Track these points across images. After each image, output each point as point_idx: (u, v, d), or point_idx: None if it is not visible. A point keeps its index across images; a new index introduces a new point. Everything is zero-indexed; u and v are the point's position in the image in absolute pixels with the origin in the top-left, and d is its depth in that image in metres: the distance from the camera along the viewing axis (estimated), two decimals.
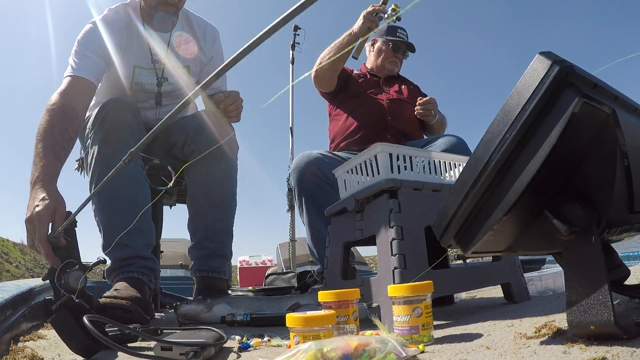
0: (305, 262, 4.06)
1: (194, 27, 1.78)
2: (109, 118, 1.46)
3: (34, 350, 0.92)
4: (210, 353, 0.86)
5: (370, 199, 1.21)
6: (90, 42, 1.58)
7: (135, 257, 1.45)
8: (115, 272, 1.44)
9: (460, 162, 1.31)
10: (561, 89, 0.61)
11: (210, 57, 1.83)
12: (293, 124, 3.93)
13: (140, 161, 1.53)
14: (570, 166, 0.65)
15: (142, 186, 1.50)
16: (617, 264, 0.74)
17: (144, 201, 1.46)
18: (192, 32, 1.78)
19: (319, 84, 2.19)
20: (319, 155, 1.89)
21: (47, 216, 1.12)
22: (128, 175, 1.45)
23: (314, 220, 1.88)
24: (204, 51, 1.80)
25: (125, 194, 1.45)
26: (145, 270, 1.46)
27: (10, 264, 11.91)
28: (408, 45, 2.29)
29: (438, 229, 0.76)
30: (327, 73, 2.11)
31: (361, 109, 2.13)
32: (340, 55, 2.01)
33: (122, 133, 1.47)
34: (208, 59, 1.83)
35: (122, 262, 1.44)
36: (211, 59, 1.83)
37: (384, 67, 2.27)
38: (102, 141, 1.46)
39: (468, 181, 0.69)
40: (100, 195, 1.45)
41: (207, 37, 1.81)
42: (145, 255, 1.48)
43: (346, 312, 0.92)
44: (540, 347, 0.67)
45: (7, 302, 1.10)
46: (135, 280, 1.41)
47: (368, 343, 0.66)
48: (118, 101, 1.52)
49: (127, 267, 1.44)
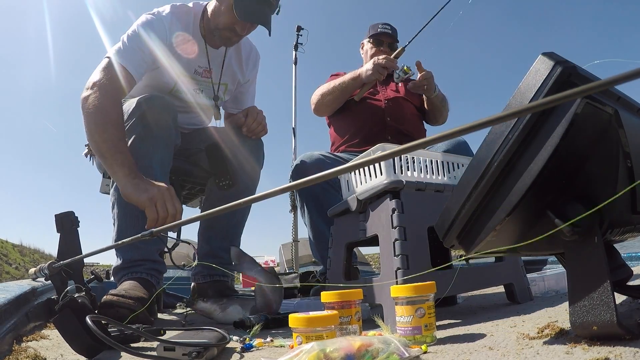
0: (308, 263, 4.06)
1: (241, 46, 1.79)
2: (151, 114, 1.46)
3: (36, 351, 0.92)
4: (212, 353, 0.86)
5: (373, 200, 1.21)
6: (149, 36, 1.53)
7: (145, 259, 1.46)
8: (123, 272, 1.44)
9: (462, 162, 1.30)
10: (564, 89, 0.61)
11: (247, 80, 1.87)
12: (296, 125, 3.94)
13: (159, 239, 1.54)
14: (573, 167, 0.65)
15: (166, 182, 1.52)
16: (620, 265, 0.74)
17: None
18: (237, 53, 1.80)
19: (320, 113, 2.25)
20: (320, 156, 1.89)
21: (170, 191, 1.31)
22: (156, 170, 1.46)
23: (316, 220, 1.88)
24: (243, 73, 1.84)
25: None
26: (153, 272, 1.47)
27: (10, 265, 11.93)
28: (389, 35, 2.26)
29: (441, 229, 0.76)
30: (327, 108, 2.18)
31: (359, 111, 2.12)
32: (342, 96, 2.09)
33: (160, 132, 1.48)
34: (245, 81, 1.86)
35: (131, 262, 1.44)
36: (247, 82, 1.87)
37: None
38: (139, 137, 1.44)
39: (471, 182, 0.69)
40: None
41: (250, 60, 1.85)
42: (155, 258, 1.50)
43: (349, 312, 0.92)
44: (543, 348, 0.66)
45: (10, 302, 1.10)
46: (144, 281, 1.41)
47: (371, 343, 0.66)
48: (162, 100, 1.52)
49: (136, 268, 1.44)
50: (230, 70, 1.79)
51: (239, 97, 1.91)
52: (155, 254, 1.51)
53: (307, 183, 0.56)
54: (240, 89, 1.88)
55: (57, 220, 1.16)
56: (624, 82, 0.34)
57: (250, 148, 1.75)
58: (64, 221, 1.15)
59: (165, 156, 1.52)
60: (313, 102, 2.21)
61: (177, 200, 1.31)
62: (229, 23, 1.57)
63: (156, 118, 1.46)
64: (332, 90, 2.11)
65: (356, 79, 2.02)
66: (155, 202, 1.26)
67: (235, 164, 1.71)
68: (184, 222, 0.98)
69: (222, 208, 0.69)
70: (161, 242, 1.53)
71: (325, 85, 2.16)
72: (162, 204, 1.27)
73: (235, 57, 1.80)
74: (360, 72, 2.01)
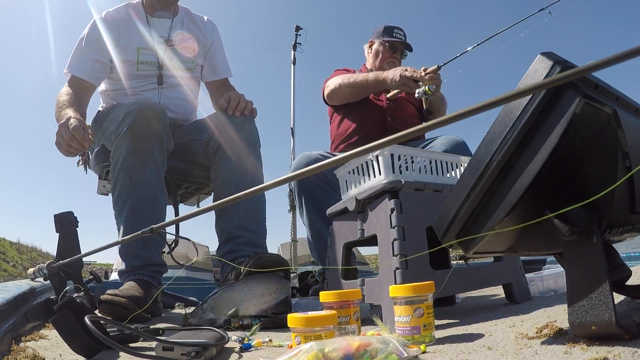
0: (307, 262, 4.05)
1: (193, 17, 1.96)
2: (139, 124, 1.49)
3: (35, 350, 0.92)
4: (211, 353, 0.86)
5: (372, 200, 1.21)
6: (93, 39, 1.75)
7: (147, 264, 1.53)
8: (127, 274, 1.52)
9: (461, 162, 1.31)
10: (562, 89, 0.61)
11: (211, 41, 1.98)
12: (294, 125, 3.93)
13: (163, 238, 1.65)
14: (572, 167, 0.65)
15: (162, 190, 1.58)
16: (619, 265, 0.74)
17: (161, 209, 1.56)
18: (192, 20, 1.94)
19: (332, 100, 2.22)
20: (318, 156, 1.89)
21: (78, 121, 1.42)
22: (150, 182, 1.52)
23: (314, 220, 1.88)
24: (205, 36, 1.96)
25: (143, 207, 1.51)
26: (155, 274, 1.54)
27: (7, 263, 11.94)
28: (405, 45, 2.29)
29: (439, 229, 0.76)
30: (341, 99, 2.17)
31: (361, 111, 2.12)
32: (361, 94, 2.09)
33: (150, 143, 1.51)
34: (210, 43, 1.97)
35: (134, 268, 1.52)
36: (212, 43, 1.98)
37: (382, 68, 2.27)
38: (130, 150, 1.49)
39: (469, 182, 0.69)
40: (124, 202, 1.50)
41: (207, 25, 1.99)
42: (157, 262, 1.56)
43: (347, 312, 0.92)
44: (541, 348, 0.67)
45: (9, 302, 1.10)
46: (143, 282, 1.47)
47: (369, 343, 0.66)
48: (149, 108, 1.54)
49: (138, 271, 1.51)
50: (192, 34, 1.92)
51: (212, 62, 1.99)
52: (157, 257, 1.56)
53: (307, 173, 0.57)
54: (210, 53, 1.97)
55: (57, 220, 1.16)
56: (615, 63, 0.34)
57: (238, 126, 1.69)
58: (63, 221, 1.16)
59: (159, 166, 1.55)
60: (328, 87, 2.18)
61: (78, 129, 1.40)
62: None
63: (144, 129, 1.50)
64: (352, 84, 2.09)
65: (380, 82, 2.01)
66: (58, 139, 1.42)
67: (230, 146, 1.68)
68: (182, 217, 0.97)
69: (217, 203, 0.69)
70: (162, 239, 1.54)
71: (345, 77, 2.13)
72: (60, 135, 1.41)
73: (191, 23, 1.94)
74: (385, 77, 1.99)
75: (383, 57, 2.26)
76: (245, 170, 1.65)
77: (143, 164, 1.49)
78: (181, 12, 1.92)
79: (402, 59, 2.31)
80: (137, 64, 1.79)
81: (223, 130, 1.68)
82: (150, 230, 0.86)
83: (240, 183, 1.63)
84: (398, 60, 2.28)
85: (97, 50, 1.73)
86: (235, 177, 1.65)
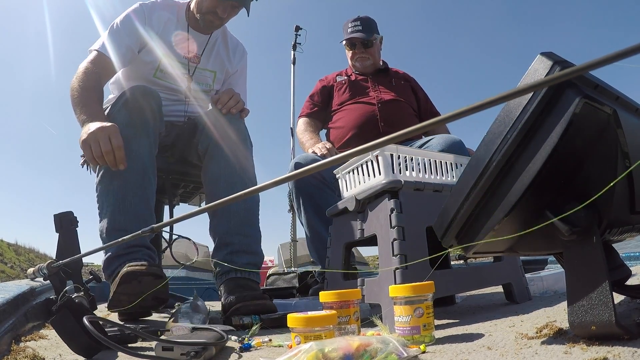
0: (307, 263, 4.05)
1: (227, 39, 1.93)
2: (134, 99, 1.49)
3: (35, 350, 0.92)
4: (211, 353, 0.86)
5: (372, 200, 1.21)
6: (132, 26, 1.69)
7: (141, 245, 1.41)
8: (121, 259, 1.36)
9: (461, 162, 1.30)
10: (562, 89, 0.61)
11: (235, 70, 1.96)
12: (294, 125, 3.93)
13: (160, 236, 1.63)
14: (571, 167, 0.65)
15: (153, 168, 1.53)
16: (619, 265, 0.74)
17: (152, 190, 1.50)
18: (224, 43, 1.92)
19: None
20: (315, 157, 1.89)
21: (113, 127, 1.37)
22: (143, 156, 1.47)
23: (313, 221, 1.88)
24: (231, 63, 1.94)
25: (136, 180, 1.44)
26: (150, 259, 1.40)
27: (5, 264, 11.94)
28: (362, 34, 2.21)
29: (439, 229, 0.76)
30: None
31: (353, 118, 2.10)
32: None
33: (145, 115, 1.50)
34: (234, 71, 1.95)
35: (128, 249, 1.38)
36: (236, 72, 1.96)
37: (355, 66, 2.29)
38: (125, 122, 1.45)
39: (469, 182, 0.69)
40: (112, 176, 1.43)
41: (237, 52, 1.96)
42: (149, 245, 1.45)
43: (347, 312, 0.93)
44: (541, 348, 0.67)
45: (9, 302, 1.10)
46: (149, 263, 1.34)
47: (369, 343, 0.66)
48: (144, 88, 1.56)
49: (133, 254, 1.37)
50: (218, 58, 1.89)
51: (229, 87, 1.94)
52: (147, 240, 1.45)
53: (305, 173, 0.57)
54: (230, 80, 1.94)
55: (56, 220, 1.16)
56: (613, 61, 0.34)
57: (225, 124, 1.67)
58: (63, 221, 1.15)
59: (151, 142, 1.52)
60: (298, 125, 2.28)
61: (115, 137, 1.36)
62: (211, 7, 1.71)
63: (139, 104, 1.49)
64: (300, 142, 2.21)
65: (306, 150, 2.09)
66: (89, 142, 1.35)
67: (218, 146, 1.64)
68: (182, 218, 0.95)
69: (215, 204, 0.69)
70: (162, 238, 1.52)
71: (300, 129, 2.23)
72: (96, 142, 1.34)
73: (223, 46, 1.91)
74: (308, 148, 2.07)
75: (350, 57, 2.29)
76: (234, 170, 1.61)
77: (137, 136, 1.46)
78: (217, 31, 1.88)
79: (368, 48, 2.23)
80: (156, 70, 1.75)
81: (211, 130, 1.66)
82: (151, 230, 0.86)
83: (230, 183, 1.60)
84: (364, 52, 2.23)
85: (133, 38, 1.68)
86: (223, 177, 1.61)
